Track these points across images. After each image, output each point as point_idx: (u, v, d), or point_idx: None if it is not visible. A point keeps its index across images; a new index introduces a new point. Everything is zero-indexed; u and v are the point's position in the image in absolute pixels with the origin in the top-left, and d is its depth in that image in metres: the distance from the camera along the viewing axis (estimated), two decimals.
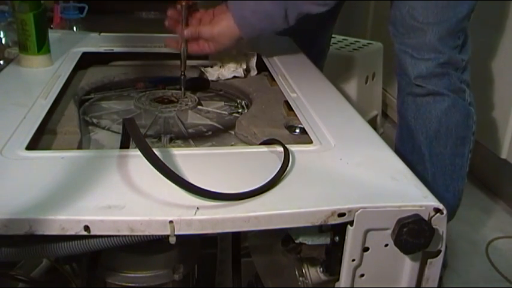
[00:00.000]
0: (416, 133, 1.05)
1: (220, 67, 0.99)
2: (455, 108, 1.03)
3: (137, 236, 0.50)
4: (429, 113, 1.03)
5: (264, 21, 0.93)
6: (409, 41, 1.01)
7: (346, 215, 0.53)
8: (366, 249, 0.55)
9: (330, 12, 1.26)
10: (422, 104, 1.03)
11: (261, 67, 1.03)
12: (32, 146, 0.64)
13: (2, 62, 1.30)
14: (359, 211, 0.53)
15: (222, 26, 0.92)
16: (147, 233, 0.50)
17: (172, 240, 0.50)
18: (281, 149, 0.63)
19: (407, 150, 1.08)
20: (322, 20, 1.26)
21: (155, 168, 0.53)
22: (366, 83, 1.84)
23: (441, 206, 0.55)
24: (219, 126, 0.83)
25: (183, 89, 0.92)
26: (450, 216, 1.11)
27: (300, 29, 1.20)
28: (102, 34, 1.16)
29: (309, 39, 1.22)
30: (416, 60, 1.00)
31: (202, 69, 1.00)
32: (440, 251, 0.56)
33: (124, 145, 0.63)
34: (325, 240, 0.58)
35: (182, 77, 0.92)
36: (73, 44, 1.06)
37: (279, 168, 0.58)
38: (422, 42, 0.99)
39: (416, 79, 1.01)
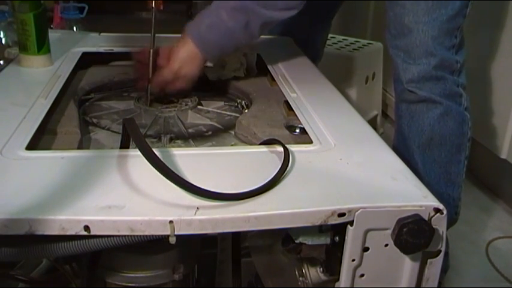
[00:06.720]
0: (409, 141, 1.04)
1: (220, 67, 0.99)
2: (448, 116, 1.01)
3: (137, 236, 0.50)
4: (422, 121, 1.01)
5: (224, 36, 0.84)
6: (400, 43, 0.99)
7: (346, 215, 0.53)
8: (366, 249, 0.55)
9: (324, 14, 1.26)
10: (416, 112, 1.01)
11: (261, 67, 1.03)
12: (32, 146, 0.64)
13: (2, 62, 1.30)
14: (359, 211, 0.53)
15: (181, 55, 0.85)
16: (147, 233, 0.50)
17: (172, 240, 0.50)
18: (281, 149, 0.63)
19: (403, 157, 1.06)
20: (317, 23, 1.26)
21: (155, 168, 0.53)
22: (366, 83, 1.84)
23: (441, 206, 0.55)
24: (219, 126, 0.83)
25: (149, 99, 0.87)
26: (448, 224, 1.09)
27: (294, 31, 1.20)
28: (102, 34, 1.16)
29: (303, 40, 1.21)
30: (407, 64, 0.99)
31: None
32: (440, 251, 0.56)
33: (124, 145, 0.63)
34: (325, 240, 0.58)
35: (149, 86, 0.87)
36: (73, 44, 1.06)
37: (279, 168, 0.58)
38: (413, 43, 0.97)
39: (409, 84, 0.99)
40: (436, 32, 0.97)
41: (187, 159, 0.61)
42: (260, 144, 0.69)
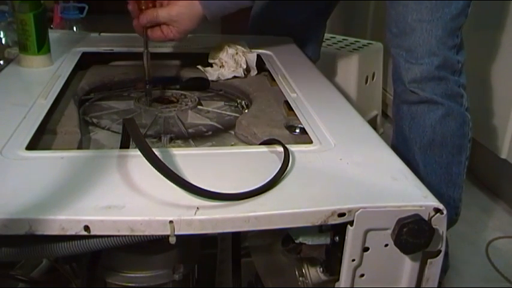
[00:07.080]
0: (410, 142, 1.03)
1: (220, 67, 1.00)
2: (450, 117, 1.01)
3: (137, 236, 0.50)
4: (423, 122, 1.01)
5: None
6: (403, 43, 0.99)
7: (346, 215, 0.53)
8: (366, 249, 0.55)
9: (320, 14, 1.26)
10: (417, 113, 1.01)
11: (261, 67, 1.03)
12: (32, 146, 0.64)
13: (2, 62, 1.30)
14: (359, 211, 0.53)
15: (181, 6, 0.86)
16: (147, 233, 0.50)
17: (172, 240, 0.50)
18: (281, 149, 0.63)
19: (403, 158, 1.06)
20: (312, 22, 1.26)
21: (155, 168, 0.53)
22: (366, 83, 1.84)
23: (441, 206, 0.55)
24: (219, 126, 0.83)
25: (148, 99, 0.88)
26: (448, 225, 1.09)
27: (291, 31, 1.20)
28: (102, 34, 1.16)
29: (300, 40, 1.21)
30: (410, 64, 0.98)
31: (202, 69, 1.00)
32: (440, 251, 0.56)
33: (124, 145, 0.63)
34: (325, 240, 0.58)
35: (147, 87, 0.88)
36: (73, 44, 1.06)
37: (279, 168, 0.58)
38: (416, 43, 0.97)
39: (411, 84, 0.99)
40: (440, 31, 0.96)
41: (187, 159, 0.61)
42: (260, 144, 0.68)
